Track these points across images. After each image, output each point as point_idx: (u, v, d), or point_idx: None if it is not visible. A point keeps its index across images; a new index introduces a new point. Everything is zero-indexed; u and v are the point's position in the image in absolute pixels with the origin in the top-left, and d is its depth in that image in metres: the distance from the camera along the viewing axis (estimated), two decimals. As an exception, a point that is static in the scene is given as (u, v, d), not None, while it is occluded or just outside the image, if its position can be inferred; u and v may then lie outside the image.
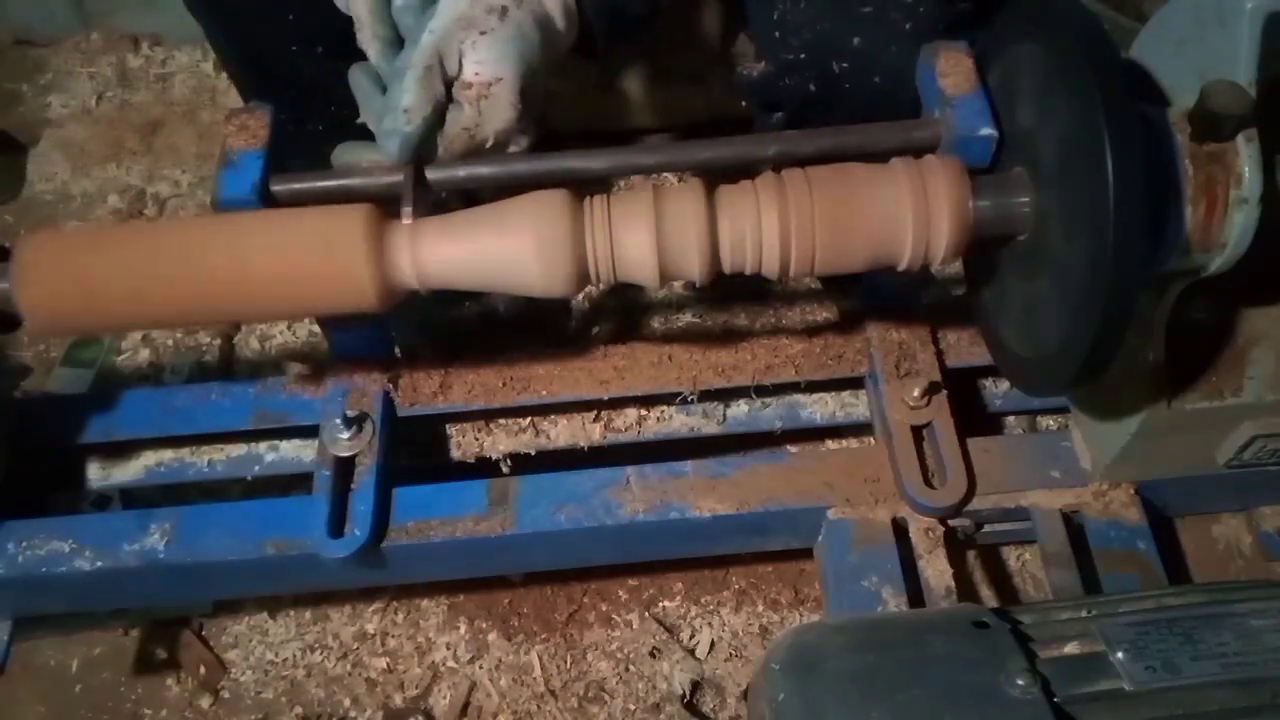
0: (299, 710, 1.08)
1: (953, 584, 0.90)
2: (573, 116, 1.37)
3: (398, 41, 0.81)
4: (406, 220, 0.76)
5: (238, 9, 0.91)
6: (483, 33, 0.76)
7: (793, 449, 1.13)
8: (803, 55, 0.90)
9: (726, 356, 1.00)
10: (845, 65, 0.89)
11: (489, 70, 0.76)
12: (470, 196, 0.85)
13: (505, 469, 1.02)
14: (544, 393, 1.00)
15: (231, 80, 0.96)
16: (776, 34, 0.91)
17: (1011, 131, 0.78)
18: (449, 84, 0.78)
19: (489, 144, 0.79)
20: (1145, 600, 0.76)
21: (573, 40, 0.84)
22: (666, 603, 1.13)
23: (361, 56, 0.84)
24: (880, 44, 0.86)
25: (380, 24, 0.80)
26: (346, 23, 0.91)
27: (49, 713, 1.09)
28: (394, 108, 0.77)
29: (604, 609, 1.13)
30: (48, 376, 1.28)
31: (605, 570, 1.12)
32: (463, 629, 1.12)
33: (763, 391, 1.02)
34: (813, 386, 1.03)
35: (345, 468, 0.94)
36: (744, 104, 1.02)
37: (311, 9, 0.91)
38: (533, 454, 1.02)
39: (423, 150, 0.79)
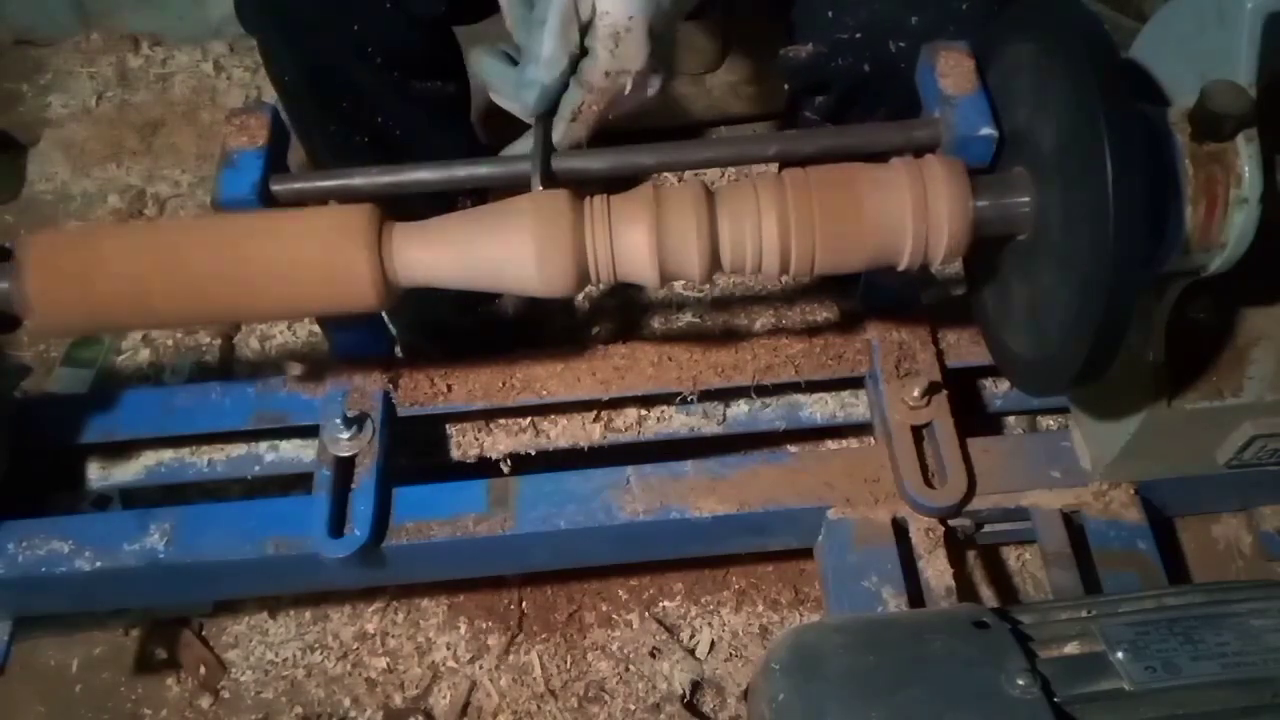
0: (299, 710, 1.08)
1: (953, 584, 0.90)
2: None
3: None
4: (538, 189, 0.76)
5: (302, 22, 0.91)
6: None
7: (793, 449, 1.13)
8: (858, 35, 0.89)
9: (726, 356, 1.00)
10: (902, 45, 0.88)
11: (621, 10, 0.75)
12: (482, 196, 0.85)
13: (505, 469, 1.02)
14: (544, 393, 1.00)
15: (281, 95, 0.96)
16: (830, 13, 0.90)
17: (1012, 131, 0.78)
18: (583, 32, 0.77)
19: (628, 89, 0.78)
20: (1145, 600, 0.76)
21: None
22: (666, 603, 1.13)
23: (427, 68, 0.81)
24: (938, 24, 0.86)
25: None
26: (405, 33, 0.92)
27: (49, 713, 1.09)
28: (533, 58, 0.77)
29: (604, 609, 1.13)
30: (48, 376, 1.28)
31: (605, 570, 1.12)
32: (463, 629, 1.12)
33: (763, 391, 1.02)
34: (813, 386, 1.03)
35: (345, 468, 0.94)
36: (786, 87, 1.01)
37: (376, 20, 0.91)
38: (533, 454, 1.02)
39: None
